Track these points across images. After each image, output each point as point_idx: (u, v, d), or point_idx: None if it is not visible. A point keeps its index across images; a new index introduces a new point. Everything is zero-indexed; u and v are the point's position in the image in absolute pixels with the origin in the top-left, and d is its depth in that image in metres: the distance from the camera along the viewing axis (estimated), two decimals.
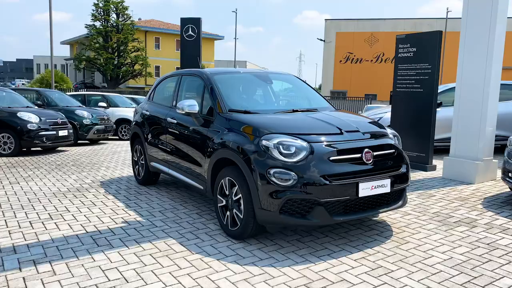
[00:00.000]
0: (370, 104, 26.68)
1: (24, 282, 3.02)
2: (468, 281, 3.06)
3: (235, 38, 44.89)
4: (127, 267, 3.27)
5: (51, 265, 3.30)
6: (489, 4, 5.75)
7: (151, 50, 46.88)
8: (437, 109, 7.95)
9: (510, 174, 4.87)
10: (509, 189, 5.50)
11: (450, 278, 3.11)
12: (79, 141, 11.76)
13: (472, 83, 6.00)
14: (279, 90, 5.02)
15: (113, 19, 40.48)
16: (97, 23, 40.05)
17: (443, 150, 8.28)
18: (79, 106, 12.74)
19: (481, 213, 4.68)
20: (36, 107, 10.82)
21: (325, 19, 37.69)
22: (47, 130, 9.55)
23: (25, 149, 9.58)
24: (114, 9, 40.40)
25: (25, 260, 3.40)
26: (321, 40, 37.32)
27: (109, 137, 13.15)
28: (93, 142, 12.45)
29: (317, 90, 5.46)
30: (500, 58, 5.89)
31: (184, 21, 14.18)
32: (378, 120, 8.36)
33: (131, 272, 3.19)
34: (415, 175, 6.59)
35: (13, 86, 39.50)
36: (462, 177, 6.09)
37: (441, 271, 3.23)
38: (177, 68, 30.80)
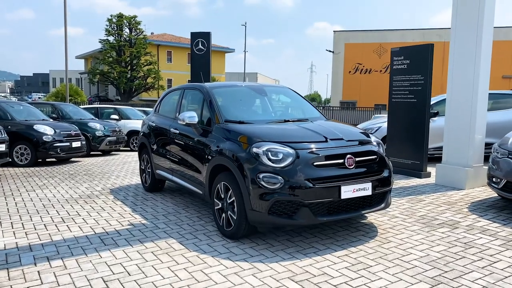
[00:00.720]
0: (379, 113, 26.89)
1: (39, 275, 3.39)
2: (439, 275, 3.34)
3: (244, 51, 45.55)
4: (130, 263, 3.62)
5: (63, 261, 3.67)
6: (475, 17, 6.06)
7: (163, 63, 47.81)
8: (434, 119, 8.26)
9: (494, 179, 5.13)
10: (497, 194, 5.73)
11: (423, 272, 3.40)
12: (91, 152, 12.24)
13: (461, 93, 6.28)
14: (273, 102, 5.38)
15: (126, 33, 41.49)
16: (111, 38, 41.07)
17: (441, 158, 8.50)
18: (92, 118, 13.27)
19: (465, 216, 4.94)
20: (51, 120, 11.36)
21: (334, 31, 38.06)
22: (61, 141, 10.03)
23: (40, 160, 10.06)
24: (127, 24, 41.43)
25: (40, 256, 3.79)
26: (330, 51, 37.71)
27: (121, 148, 13.62)
28: (105, 153, 12.93)
29: (311, 102, 5.79)
30: (487, 68, 6.18)
31: (194, 36, 14.63)
32: (377, 130, 8.67)
33: (134, 267, 3.54)
34: (409, 182, 6.86)
35: (30, 100, 40.57)
36: (453, 183, 6.34)
37: (416, 266, 3.52)
38: (188, 81, 31.40)
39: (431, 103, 8.50)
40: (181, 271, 3.45)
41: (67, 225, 4.74)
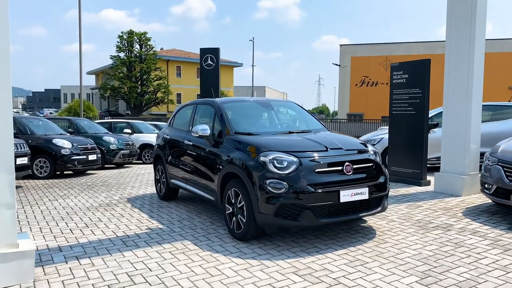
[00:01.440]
0: (386, 125, 27.20)
1: (71, 271, 3.82)
2: (428, 269, 3.71)
3: (252, 65, 46.28)
4: (151, 261, 4.04)
5: (90, 259, 4.10)
6: (468, 31, 6.48)
7: (173, 78, 48.69)
8: (434, 130, 8.63)
9: (486, 186, 5.48)
10: (490, 200, 6.06)
11: (414, 267, 3.77)
12: (106, 165, 12.74)
13: (456, 105, 6.67)
14: (279, 115, 5.81)
15: (136, 50, 42.47)
16: (121, 54, 42.08)
17: None
18: (106, 132, 13.81)
19: (459, 219, 5.29)
20: (68, 134, 11.90)
21: (340, 45, 38.65)
22: (78, 154, 10.55)
23: (58, 172, 10.57)
24: (138, 40, 42.43)
25: (69, 256, 4.22)
26: (336, 65, 38.24)
27: (134, 161, 14.10)
28: (119, 165, 13.43)
29: (314, 114, 6.18)
30: (480, 81, 6.57)
31: (204, 51, 15.15)
32: (379, 141, 9.06)
33: (154, 264, 3.96)
34: (409, 190, 7.22)
35: (42, 115, 41.54)
36: (451, 190, 6.69)
37: (408, 262, 3.89)
38: (197, 95, 31.99)
39: (432, 114, 8.91)
40: (197, 267, 3.85)
41: (90, 230, 5.18)
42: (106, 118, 36.32)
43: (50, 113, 62.93)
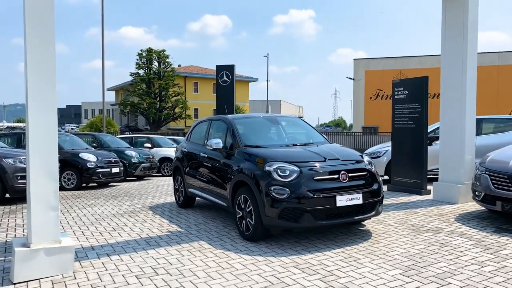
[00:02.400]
0: None
1: (103, 264, 4.47)
2: (413, 264, 4.23)
3: (267, 80, 47.14)
4: (171, 257, 4.66)
5: (119, 256, 4.74)
6: (460, 48, 7.01)
7: (190, 94, 49.85)
8: (436, 142, 9.10)
9: (476, 193, 5.96)
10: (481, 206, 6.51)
11: (401, 262, 4.29)
12: (127, 178, 13.49)
13: (452, 119, 7.19)
14: (285, 129, 6.42)
15: (155, 67, 43.80)
16: (141, 71, 43.44)
17: None
18: (128, 147, 14.62)
19: (450, 224, 5.78)
20: (93, 148, 12.72)
21: (354, 59, 39.27)
22: (102, 167, 11.32)
23: (84, 184, 11.34)
24: (156, 57, 43.78)
25: (101, 253, 4.87)
26: (350, 78, 38.77)
27: (153, 174, 14.84)
28: (140, 178, 14.17)
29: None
30: (473, 96, 7.07)
31: (219, 68, 15.88)
32: (384, 153, 9.57)
33: (174, 259, 4.57)
34: (410, 198, 7.70)
35: (63, 131, 43.01)
36: (448, 198, 7.16)
37: (396, 259, 4.41)
38: (214, 110, 32.86)
39: (434, 128, 9.40)
40: (211, 262, 4.46)
41: (118, 233, 5.84)
42: (126, 133, 37.49)
43: (71, 128, 64.74)
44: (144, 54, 43.37)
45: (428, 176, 8.33)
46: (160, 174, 15.68)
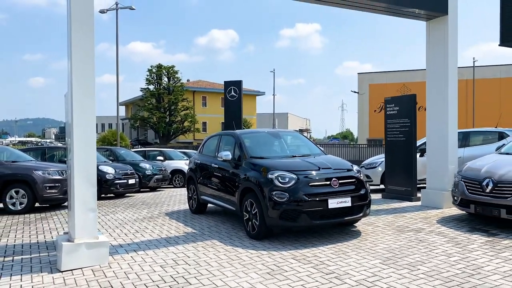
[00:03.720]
0: None
1: (132, 258, 5.33)
2: (392, 256, 5.04)
3: (273, 94, 48.17)
4: (189, 252, 5.51)
5: (144, 252, 5.60)
6: (443, 82, 7.87)
7: (199, 108, 51.03)
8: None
9: (455, 198, 6.76)
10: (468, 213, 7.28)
11: (382, 254, 5.11)
12: (141, 189, 14.39)
13: (436, 132, 8.01)
14: (286, 143, 7.28)
15: (165, 82, 45.10)
16: (151, 87, 44.77)
17: None
18: (142, 160, 15.56)
19: (432, 225, 6.58)
20: (110, 161, 13.67)
21: (358, 73, 40.26)
22: (120, 179, 12.23)
23: (103, 195, 12.25)
24: (166, 73, 45.12)
25: (129, 250, 5.74)
26: (355, 92, 39.68)
27: (165, 185, 15.73)
28: (153, 189, 15.07)
29: (313, 141, 7.57)
30: (455, 114, 7.90)
31: (227, 84, 16.75)
32: (380, 164, 10.39)
33: (191, 253, 5.42)
34: (401, 204, 8.50)
35: (60, 145, 44.11)
36: (434, 204, 7.95)
37: (378, 252, 5.23)
38: (222, 123, 33.81)
39: (425, 140, 10.19)
40: (222, 255, 5.30)
41: (140, 234, 6.71)
42: (136, 147, 38.60)
43: None
44: (154, 70, 44.72)
45: (420, 185, 9.12)
46: (172, 186, 16.57)
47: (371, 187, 11.37)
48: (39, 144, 62.29)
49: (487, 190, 6.05)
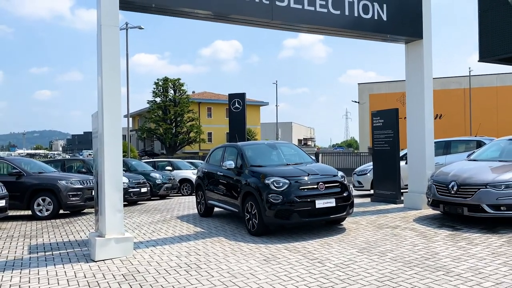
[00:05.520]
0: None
1: (152, 251, 6.40)
2: (367, 246, 6.08)
3: (276, 105, 49.41)
4: (199, 246, 6.57)
5: (161, 246, 6.67)
6: (421, 97, 8.94)
7: (204, 119, 52.30)
8: None
9: (428, 199, 7.78)
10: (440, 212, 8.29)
11: (359, 245, 6.14)
12: (152, 197, 15.48)
13: (416, 143, 9.06)
14: (281, 152, 8.36)
15: (171, 94, 46.42)
16: (157, 99, 46.11)
17: None
18: (152, 170, 16.67)
19: (408, 223, 7.61)
20: (123, 171, 14.79)
21: (358, 83, 41.36)
22: (133, 188, 13.34)
23: None
24: (172, 86, 46.45)
25: (148, 245, 6.81)
26: (356, 102, 40.77)
27: (173, 194, 16.78)
28: (162, 197, 16.14)
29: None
30: (431, 126, 8.95)
31: (232, 96, 17.74)
32: (370, 170, 11.42)
33: (201, 247, 6.49)
34: (386, 206, 9.53)
35: (81, 157, 45.48)
36: (415, 205, 8.97)
37: (357, 243, 6.27)
38: (227, 133, 35.03)
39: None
40: (227, 247, 6.36)
41: (157, 233, 7.79)
42: (143, 158, 39.79)
43: (89, 154, 67.36)
44: (160, 83, 46.08)
45: (405, 189, 10.14)
46: (180, 194, 17.64)
47: (363, 192, 12.46)
48: (50, 157, 63.65)
49: (453, 192, 7.08)
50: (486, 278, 4.55)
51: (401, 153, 10.41)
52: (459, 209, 7.00)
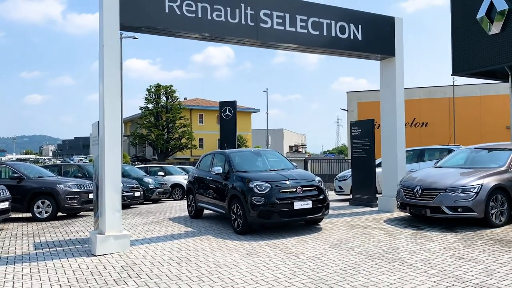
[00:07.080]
0: None
1: (146, 247, 7.12)
2: (339, 243, 6.87)
3: (266, 112, 50.28)
4: (189, 243, 7.31)
5: (155, 243, 7.40)
6: (392, 107, 9.80)
7: (196, 125, 53.00)
8: None
9: (398, 202, 8.61)
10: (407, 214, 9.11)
11: (331, 242, 6.93)
12: (144, 201, 16.14)
13: (389, 152, 9.90)
14: (265, 159, 9.14)
15: (163, 101, 47.10)
16: (150, 105, 46.75)
17: None
18: (145, 175, 17.35)
19: (378, 223, 8.42)
20: None
21: (347, 92, 42.40)
22: (127, 192, 14.00)
23: None
24: (164, 92, 47.15)
25: (143, 242, 7.53)
26: (344, 110, 41.77)
27: (165, 198, 17.46)
28: (155, 201, 16.82)
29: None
30: (402, 136, 9.80)
31: (223, 104, 18.37)
32: (349, 177, 12.25)
33: (191, 244, 7.23)
34: (362, 209, 10.34)
35: (72, 162, 45.87)
36: (388, 208, 9.79)
37: (330, 241, 7.05)
38: (218, 139, 35.71)
39: None
40: (214, 244, 7.11)
41: (150, 233, 8.51)
42: (134, 163, 40.32)
43: (80, 159, 67.62)
44: (152, 90, 46.75)
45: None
46: (172, 198, 18.32)
47: (343, 197, 13.28)
48: (41, 162, 63.81)
49: (417, 195, 7.92)
50: (433, 267, 5.36)
51: (379, 161, 11.24)
52: (423, 211, 7.82)
